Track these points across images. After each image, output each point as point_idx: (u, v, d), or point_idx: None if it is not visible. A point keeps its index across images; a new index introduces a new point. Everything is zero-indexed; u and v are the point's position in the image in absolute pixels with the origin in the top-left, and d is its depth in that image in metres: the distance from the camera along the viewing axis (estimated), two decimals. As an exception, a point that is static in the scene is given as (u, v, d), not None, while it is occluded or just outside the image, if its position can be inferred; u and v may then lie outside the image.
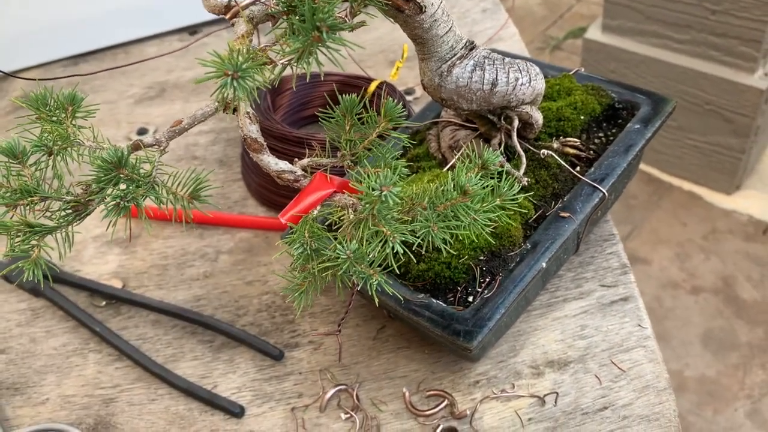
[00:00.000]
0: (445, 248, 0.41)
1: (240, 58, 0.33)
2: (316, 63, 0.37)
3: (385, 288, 0.41)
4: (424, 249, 0.42)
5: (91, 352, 0.65)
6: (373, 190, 0.38)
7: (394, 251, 0.40)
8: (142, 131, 0.88)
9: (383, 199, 0.38)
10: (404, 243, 0.40)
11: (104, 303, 0.69)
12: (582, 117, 0.62)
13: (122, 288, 0.70)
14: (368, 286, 0.40)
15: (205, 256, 0.72)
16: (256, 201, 0.77)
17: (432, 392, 0.57)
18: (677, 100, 0.63)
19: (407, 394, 0.57)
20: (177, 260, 0.72)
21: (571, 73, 0.66)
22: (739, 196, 1.71)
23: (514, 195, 0.43)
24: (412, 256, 0.40)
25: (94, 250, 0.74)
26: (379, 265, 0.41)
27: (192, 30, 1.05)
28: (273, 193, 0.75)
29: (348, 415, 0.57)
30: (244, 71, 0.33)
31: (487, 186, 0.42)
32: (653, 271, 1.59)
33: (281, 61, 0.38)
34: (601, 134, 0.63)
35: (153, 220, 0.76)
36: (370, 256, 0.40)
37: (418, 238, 0.41)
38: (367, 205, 0.40)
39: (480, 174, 0.42)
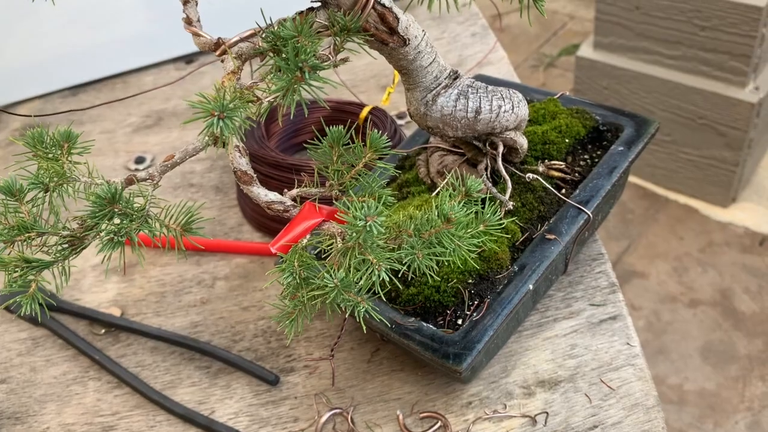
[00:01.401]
0: (430, 275, 0.42)
1: (227, 98, 0.35)
2: (300, 99, 0.38)
3: (372, 315, 0.42)
4: (410, 275, 0.43)
5: (91, 380, 0.66)
6: (359, 220, 0.40)
7: (381, 279, 0.41)
8: (139, 160, 0.89)
9: (368, 228, 0.40)
10: (391, 270, 0.42)
11: (103, 331, 0.70)
12: (567, 140, 0.63)
13: (121, 316, 0.71)
14: (356, 314, 0.42)
15: (202, 283, 0.73)
16: (251, 227, 0.79)
17: (425, 414, 0.58)
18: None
19: (401, 416, 0.58)
20: (174, 287, 0.73)
21: (556, 96, 0.68)
22: (734, 208, 1.72)
23: (498, 220, 0.45)
24: (398, 284, 0.41)
25: (93, 279, 0.75)
26: (367, 292, 0.42)
27: (188, 59, 1.07)
28: (268, 219, 0.76)
29: (343, 439, 0.58)
30: (230, 111, 0.35)
31: (471, 213, 0.43)
32: (651, 285, 1.59)
33: (267, 99, 0.39)
34: (586, 156, 0.64)
35: (150, 248, 0.77)
36: (359, 284, 0.41)
37: (404, 265, 0.42)
38: (354, 235, 0.41)
39: (463, 201, 0.44)
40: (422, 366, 0.62)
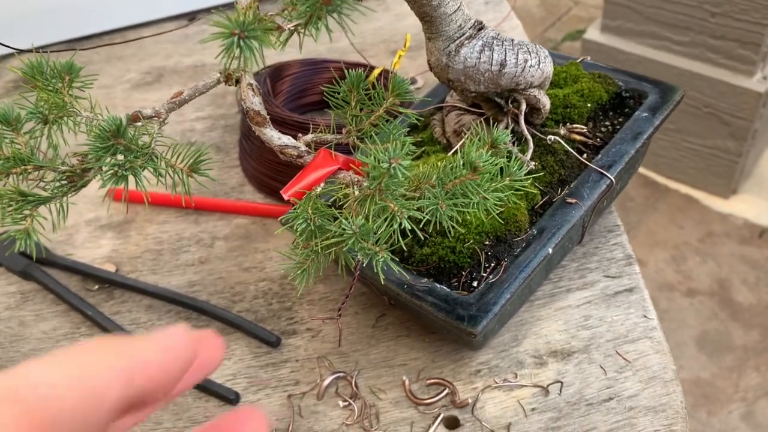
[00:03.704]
0: (453, 227, 0.39)
1: (248, 18, 0.32)
2: (325, 29, 0.36)
3: (391, 266, 0.40)
4: (430, 229, 0.41)
5: (82, 336, 0.63)
6: (382, 162, 0.37)
7: (401, 228, 0.38)
8: (138, 116, 0.86)
9: (392, 172, 0.37)
10: (411, 221, 0.39)
11: (97, 287, 0.67)
12: (589, 104, 0.61)
13: (115, 272, 0.68)
14: (374, 264, 0.39)
15: (201, 242, 0.70)
16: (253, 187, 0.76)
17: (432, 381, 0.56)
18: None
19: (407, 382, 0.56)
20: (172, 245, 0.70)
21: (578, 60, 0.65)
22: (735, 199, 1.71)
23: (523, 175, 0.42)
24: (420, 234, 0.39)
25: (87, 234, 0.72)
26: (385, 243, 0.39)
27: (191, 16, 1.03)
28: (271, 179, 0.73)
29: (346, 403, 0.55)
30: (251, 31, 0.32)
31: (498, 163, 0.40)
32: (649, 273, 1.58)
33: (288, 26, 0.36)
34: (607, 122, 0.62)
35: (148, 204, 0.74)
36: (378, 233, 0.38)
37: (426, 215, 0.39)
38: (374, 180, 0.39)
39: (490, 152, 0.41)
40: (429, 332, 0.60)
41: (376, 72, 0.75)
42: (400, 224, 0.38)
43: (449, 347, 0.58)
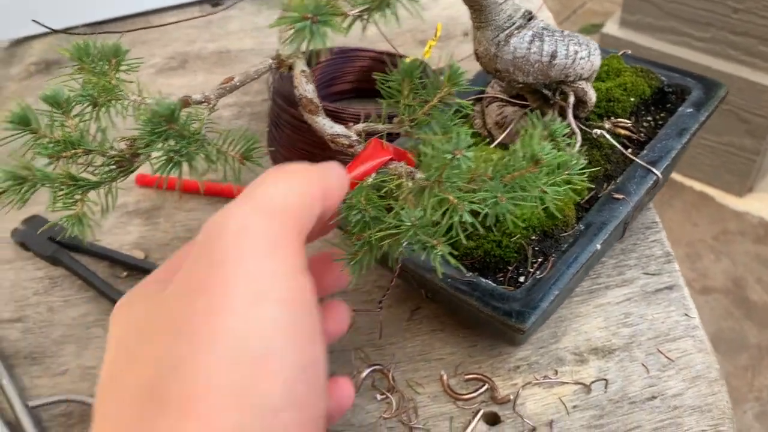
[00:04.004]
0: (513, 220, 0.39)
1: (320, 2, 0.31)
2: (392, 16, 0.35)
3: (448, 260, 0.39)
4: (488, 223, 0.40)
5: (112, 324, 0.62)
6: (444, 153, 0.36)
7: (462, 221, 0.38)
8: (163, 101, 0.85)
9: (455, 162, 0.36)
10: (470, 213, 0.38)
11: (125, 274, 0.66)
12: (632, 99, 0.60)
13: (144, 259, 0.67)
14: (431, 258, 0.38)
15: (231, 230, 0.69)
16: (282, 176, 0.75)
17: (471, 376, 0.55)
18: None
19: (445, 376, 0.55)
20: (201, 233, 0.69)
21: (620, 54, 0.64)
22: (751, 198, 1.70)
23: (581, 169, 0.41)
24: (480, 227, 0.38)
25: (115, 221, 0.71)
26: (443, 236, 0.39)
27: (214, 2, 1.02)
28: (301, 169, 0.72)
29: (383, 396, 0.55)
30: (323, 15, 0.31)
31: (559, 156, 0.39)
32: (663, 269, 1.57)
33: (353, 12, 0.35)
34: (649, 118, 0.61)
35: (174, 191, 0.74)
36: (437, 225, 0.38)
37: (486, 208, 0.39)
38: (435, 171, 0.38)
39: (551, 144, 0.40)
40: (465, 327, 0.59)
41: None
42: (461, 217, 0.37)
43: (486, 342, 0.57)
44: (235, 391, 0.28)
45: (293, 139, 0.72)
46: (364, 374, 0.56)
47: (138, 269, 0.66)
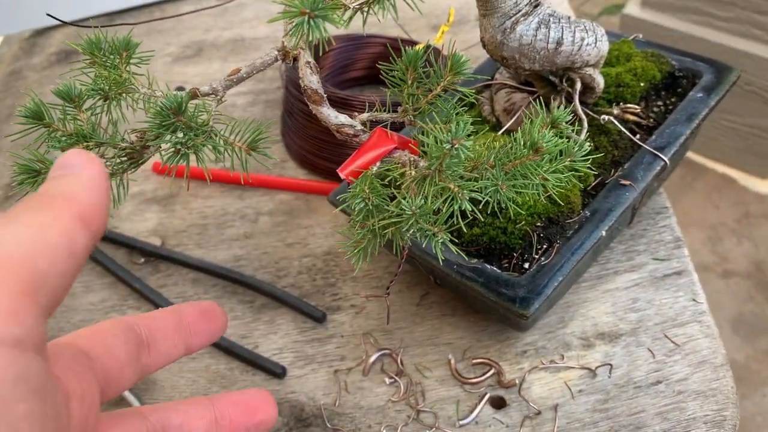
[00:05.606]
0: (515, 208, 0.39)
1: (318, -3, 0.31)
2: (391, 8, 0.35)
3: (449, 247, 0.40)
4: (489, 210, 0.40)
5: (130, 309, 0.64)
6: (443, 143, 0.37)
7: (461, 209, 0.38)
8: (179, 90, 0.86)
9: (454, 152, 0.37)
10: (470, 201, 0.39)
11: (143, 260, 0.68)
12: (642, 84, 0.60)
13: (161, 246, 0.69)
14: (432, 245, 0.39)
15: (245, 217, 0.71)
16: (295, 163, 0.76)
17: (478, 360, 0.56)
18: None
19: (452, 361, 0.56)
20: (217, 220, 0.71)
21: (630, 38, 0.64)
22: (774, 180, 1.67)
23: (584, 156, 0.41)
24: (479, 215, 0.38)
25: (133, 207, 0.73)
26: (444, 224, 0.39)
27: (229, -10, 1.03)
28: (314, 156, 0.73)
29: (392, 380, 0.56)
30: (321, 11, 0.32)
31: (560, 143, 0.40)
32: (683, 253, 1.56)
33: (353, 5, 0.36)
34: (660, 103, 0.61)
35: (191, 179, 0.75)
36: (438, 213, 0.38)
37: (486, 196, 0.39)
38: (435, 160, 0.38)
39: (552, 132, 0.41)
40: (473, 312, 0.60)
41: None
42: (460, 205, 0.38)
43: (494, 327, 0.58)
44: None
45: (306, 128, 0.73)
46: (373, 358, 0.57)
47: (155, 256, 0.68)
